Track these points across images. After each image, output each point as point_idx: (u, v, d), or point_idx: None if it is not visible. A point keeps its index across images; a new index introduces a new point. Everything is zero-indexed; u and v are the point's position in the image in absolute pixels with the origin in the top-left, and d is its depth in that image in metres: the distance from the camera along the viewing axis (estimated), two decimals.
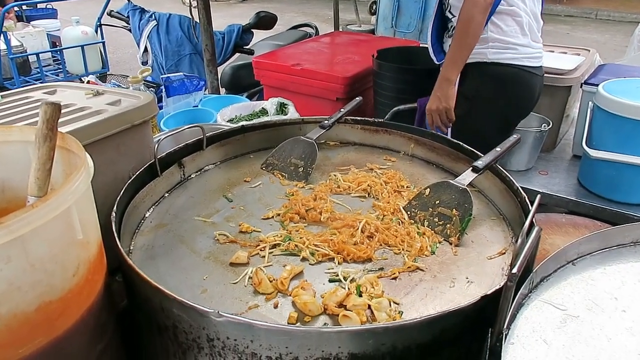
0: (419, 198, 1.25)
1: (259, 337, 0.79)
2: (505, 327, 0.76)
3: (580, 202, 2.28)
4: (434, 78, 2.42)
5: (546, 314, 0.86)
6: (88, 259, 0.84)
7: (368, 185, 1.34)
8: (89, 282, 0.84)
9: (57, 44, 5.34)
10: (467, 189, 1.20)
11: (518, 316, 0.84)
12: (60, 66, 5.16)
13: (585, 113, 2.30)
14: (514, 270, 0.73)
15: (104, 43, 4.94)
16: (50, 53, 5.62)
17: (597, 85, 2.27)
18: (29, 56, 5.17)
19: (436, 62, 2.28)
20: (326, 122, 1.52)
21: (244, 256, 1.08)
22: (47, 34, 5.66)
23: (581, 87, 2.52)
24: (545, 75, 2.30)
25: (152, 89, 2.81)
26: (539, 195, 0.98)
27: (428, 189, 1.25)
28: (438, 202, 1.21)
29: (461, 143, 1.40)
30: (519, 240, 0.90)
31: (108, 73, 5.03)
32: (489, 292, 0.83)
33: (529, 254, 0.79)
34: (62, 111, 1.26)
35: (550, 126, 2.48)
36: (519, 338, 0.80)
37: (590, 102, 2.28)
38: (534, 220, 0.98)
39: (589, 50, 2.93)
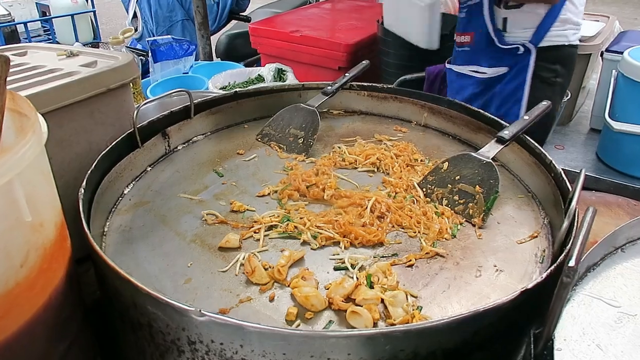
0: (436, 173, 1.09)
1: (250, 341, 0.64)
2: (554, 331, 0.62)
3: (599, 178, 2.12)
4: (444, 45, 2.25)
5: (597, 312, 0.71)
6: (42, 245, 0.69)
7: (377, 158, 1.19)
8: (44, 272, 0.69)
9: (47, 13, 5.14)
10: (492, 162, 1.04)
11: (563, 315, 0.70)
12: (50, 36, 4.97)
13: (608, 83, 2.14)
14: (572, 263, 0.58)
15: (94, 12, 4.73)
16: (39, 22, 5.42)
17: (621, 52, 2.09)
18: (17, 25, 4.98)
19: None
20: (329, 88, 1.36)
21: (235, 239, 0.93)
22: (36, 2, 5.45)
23: (601, 55, 2.35)
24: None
25: (141, 57, 2.63)
26: (583, 170, 0.82)
27: (446, 163, 1.09)
28: (458, 177, 1.06)
29: (482, 111, 1.24)
30: (565, 223, 0.75)
31: (100, 42, 4.83)
32: (529, 286, 0.69)
33: (585, 241, 0.64)
34: (28, 73, 1.12)
35: (569, 97, 2.32)
36: (567, 342, 0.66)
37: (613, 71, 2.11)
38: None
39: (609, 17, 2.74)
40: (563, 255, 0.74)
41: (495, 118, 1.20)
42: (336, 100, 1.44)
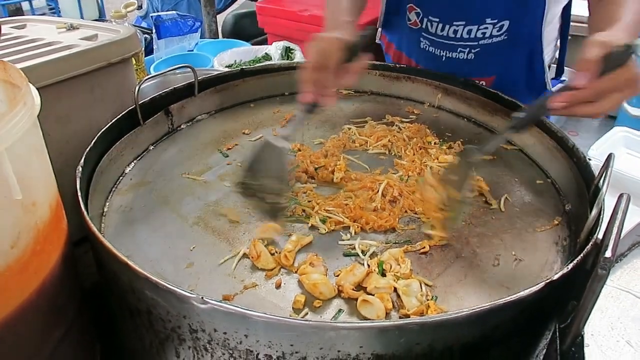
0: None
1: (255, 331, 0.60)
2: (584, 326, 0.58)
3: None
4: None
5: (625, 306, 0.67)
6: (35, 226, 0.64)
7: (389, 140, 1.14)
8: (37, 255, 0.65)
9: None
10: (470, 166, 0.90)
11: None
12: (55, 14, 4.92)
13: None
14: (608, 254, 0.54)
15: None
16: (44, 0, 5.35)
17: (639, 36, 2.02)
18: (22, 3, 4.92)
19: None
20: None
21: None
22: None
23: None
24: (579, 24, 2.04)
25: (146, 35, 2.57)
26: (613, 154, 0.77)
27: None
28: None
29: (499, 93, 1.18)
30: (594, 211, 0.70)
31: (105, 20, 4.76)
32: (555, 277, 0.64)
33: (620, 230, 0.59)
34: (26, 46, 1.07)
35: None
36: (595, 338, 0.62)
37: (632, 55, 2.04)
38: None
39: None
40: (590, 244, 0.69)
41: (514, 100, 1.14)
42: None
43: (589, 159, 0.92)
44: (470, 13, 1.25)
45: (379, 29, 1.54)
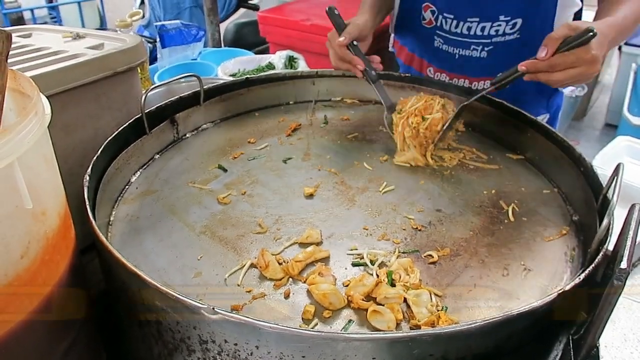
0: None
1: (266, 342, 0.60)
2: (599, 337, 0.57)
3: None
4: None
5: (638, 317, 0.66)
6: (44, 235, 0.64)
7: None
8: (46, 264, 0.64)
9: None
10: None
11: None
12: (56, 23, 4.93)
13: (627, 77, 2.08)
14: (623, 265, 0.53)
15: None
16: (46, 9, 5.38)
17: None
18: (24, 12, 4.94)
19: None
20: None
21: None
22: None
23: (619, 49, 2.29)
24: None
25: (149, 44, 2.58)
26: (622, 164, 0.77)
27: None
28: None
29: (505, 102, 1.18)
30: (605, 220, 0.70)
31: (107, 30, 4.79)
32: (567, 288, 0.64)
33: (635, 240, 0.59)
34: (33, 55, 1.08)
35: (585, 91, 2.26)
36: (609, 349, 0.61)
37: (633, 65, 2.06)
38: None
39: None
40: (601, 255, 0.69)
41: (519, 109, 1.14)
42: (350, 89, 1.39)
43: None
44: (484, 10, 1.28)
45: (392, 36, 1.55)
